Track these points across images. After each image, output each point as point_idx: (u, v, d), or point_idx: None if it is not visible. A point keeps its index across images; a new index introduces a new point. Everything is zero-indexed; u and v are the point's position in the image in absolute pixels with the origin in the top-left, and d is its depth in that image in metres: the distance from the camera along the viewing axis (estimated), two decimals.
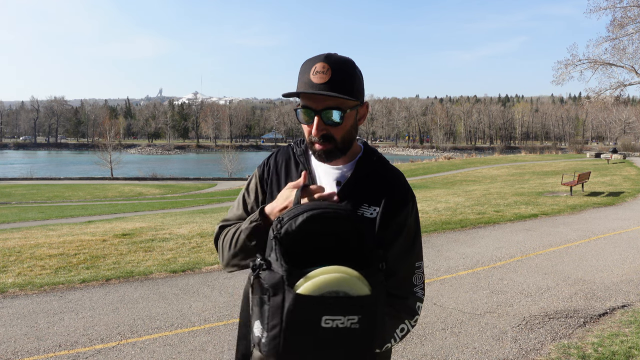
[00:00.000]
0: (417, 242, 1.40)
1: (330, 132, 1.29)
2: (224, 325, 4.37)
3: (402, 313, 1.32)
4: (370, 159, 1.39)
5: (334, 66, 1.26)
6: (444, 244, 7.97)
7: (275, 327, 1.06)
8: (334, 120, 1.28)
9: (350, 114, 1.30)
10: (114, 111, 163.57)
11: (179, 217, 12.77)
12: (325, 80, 1.24)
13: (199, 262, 6.60)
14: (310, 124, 1.29)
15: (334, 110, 1.27)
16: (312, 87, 1.25)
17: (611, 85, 26.43)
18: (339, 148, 1.31)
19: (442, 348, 3.90)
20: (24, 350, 3.82)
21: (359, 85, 1.32)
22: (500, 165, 40.64)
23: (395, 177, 1.39)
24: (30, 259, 6.79)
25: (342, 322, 1.06)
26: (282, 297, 1.06)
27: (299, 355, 1.07)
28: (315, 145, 1.31)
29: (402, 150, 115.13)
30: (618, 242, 8.16)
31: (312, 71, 1.26)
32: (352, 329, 1.07)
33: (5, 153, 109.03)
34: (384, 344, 1.28)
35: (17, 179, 43.49)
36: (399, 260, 1.33)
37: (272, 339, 1.07)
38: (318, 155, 1.32)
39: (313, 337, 1.06)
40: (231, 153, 52.67)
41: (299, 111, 1.31)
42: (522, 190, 17.40)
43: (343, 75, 1.27)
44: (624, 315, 4.66)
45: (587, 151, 62.58)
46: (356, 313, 1.07)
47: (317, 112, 1.27)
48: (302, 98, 1.30)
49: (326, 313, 1.05)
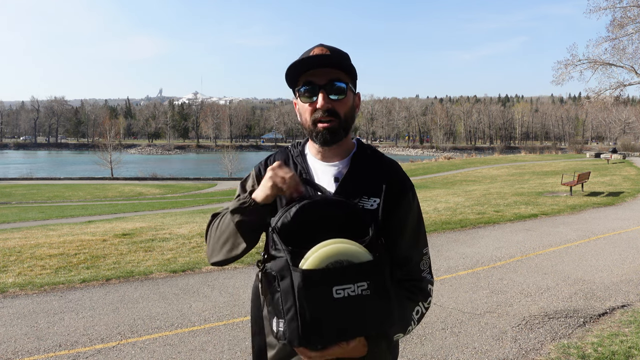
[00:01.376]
0: (422, 228, 1.43)
1: (335, 108, 1.31)
2: (224, 325, 4.37)
3: (417, 295, 1.36)
4: (364, 153, 1.42)
5: (331, 48, 1.35)
6: (444, 244, 7.97)
7: (290, 309, 1.09)
8: (338, 92, 1.31)
9: (349, 92, 1.35)
10: (114, 111, 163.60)
11: (179, 217, 12.77)
12: (324, 52, 1.31)
13: (199, 262, 6.61)
14: (313, 102, 1.31)
15: (338, 82, 1.30)
16: (313, 60, 1.29)
17: (611, 85, 26.43)
18: (342, 126, 1.33)
19: (442, 348, 3.91)
20: (24, 350, 3.82)
21: (354, 70, 1.36)
22: (500, 165, 40.63)
23: (392, 167, 1.41)
24: (30, 259, 6.80)
25: (352, 290, 1.09)
26: (290, 279, 1.10)
27: (321, 332, 1.09)
28: (319, 125, 1.32)
29: (402, 150, 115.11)
30: (618, 242, 8.16)
31: (309, 53, 1.33)
32: (364, 296, 1.10)
33: (6, 153, 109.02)
34: (406, 326, 1.31)
35: (17, 179, 43.48)
36: (408, 248, 1.37)
37: (290, 321, 1.09)
38: (322, 136, 1.32)
39: (329, 310, 1.08)
40: (231, 153, 52.64)
41: (302, 90, 1.32)
42: (522, 190, 17.40)
43: (340, 55, 1.34)
44: (623, 315, 4.67)
45: (586, 151, 62.58)
46: (364, 279, 1.10)
47: (321, 86, 1.30)
48: (304, 77, 1.33)
49: (335, 283, 1.08)
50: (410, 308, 1.33)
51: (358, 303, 1.09)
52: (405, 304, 1.32)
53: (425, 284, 1.39)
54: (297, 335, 1.08)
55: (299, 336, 1.08)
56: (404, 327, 1.30)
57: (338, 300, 1.08)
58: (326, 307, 1.08)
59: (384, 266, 1.15)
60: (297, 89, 1.34)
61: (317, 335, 1.09)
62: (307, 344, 1.09)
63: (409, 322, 1.32)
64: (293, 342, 1.09)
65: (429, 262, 1.44)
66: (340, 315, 1.09)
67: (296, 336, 1.08)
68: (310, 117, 1.33)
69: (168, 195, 28.86)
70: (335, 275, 1.09)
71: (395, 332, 1.28)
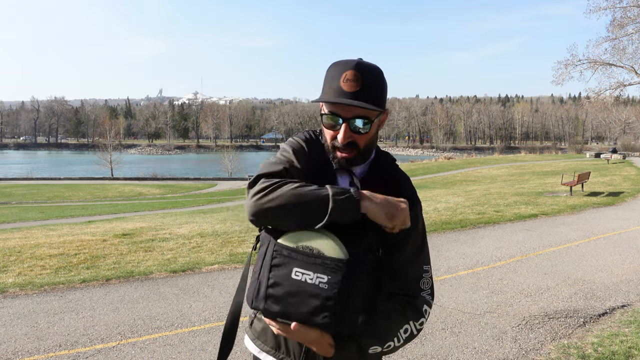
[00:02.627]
0: (425, 246, 1.41)
1: (355, 140, 1.29)
2: (224, 325, 4.37)
3: (407, 310, 1.31)
4: (383, 161, 1.41)
5: (365, 75, 1.25)
6: (444, 244, 7.97)
7: (255, 272, 1.21)
8: (360, 129, 1.28)
9: (375, 123, 1.32)
10: (114, 111, 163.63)
11: (179, 217, 12.77)
12: (356, 89, 1.24)
13: (199, 262, 6.61)
14: (335, 130, 1.29)
15: (362, 119, 1.27)
16: (343, 95, 1.24)
17: (611, 86, 26.44)
18: (362, 154, 1.32)
19: (442, 348, 3.90)
20: (24, 350, 3.82)
21: (385, 94, 1.33)
22: (500, 165, 40.64)
23: (404, 181, 1.41)
24: (30, 259, 6.80)
25: (311, 278, 1.13)
26: (266, 246, 1.21)
27: (270, 302, 1.17)
28: (337, 152, 1.31)
29: (402, 150, 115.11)
30: (618, 242, 8.16)
31: (342, 78, 1.25)
32: (319, 287, 1.13)
33: (6, 153, 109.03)
34: (385, 341, 1.26)
35: (17, 179, 43.49)
36: (408, 263, 1.35)
37: (252, 282, 1.22)
38: (339, 162, 1.31)
39: (283, 285, 1.16)
40: (231, 153, 52.68)
41: (327, 116, 1.29)
42: (522, 190, 17.41)
43: (373, 85, 1.27)
44: (623, 315, 4.67)
45: (586, 151, 62.58)
46: (326, 273, 1.13)
47: (345, 119, 1.27)
48: (330, 104, 1.29)
49: (296, 265, 1.15)
50: (397, 323, 1.28)
51: (310, 292, 1.13)
52: (391, 317, 1.27)
53: (421, 304, 1.34)
54: (251, 296, 1.20)
55: (252, 297, 1.20)
56: (383, 342, 1.25)
57: (294, 280, 1.14)
58: (281, 282, 1.15)
59: (354, 270, 1.13)
60: (323, 113, 1.31)
61: (265, 303, 1.17)
62: (257, 308, 1.19)
63: (390, 338, 1.26)
64: (248, 300, 1.22)
65: (431, 282, 1.39)
66: (290, 295, 1.15)
67: (250, 297, 1.20)
68: (330, 141, 1.32)
69: (168, 195, 28.86)
70: (299, 258, 1.15)
71: (369, 344, 1.24)
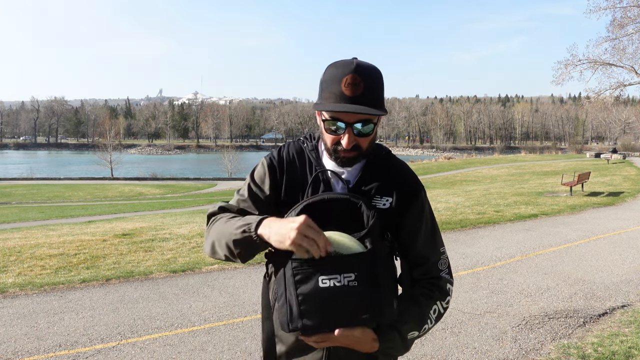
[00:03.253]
0: (436, 228, 1.45)
1: (359, 143, 1.30)
2: (224, 325, 4.37)
3: (434, 292, 1.37)
4: (379, 154, 1.43)
5: (366, 79, 1.25)
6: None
7: (281, 295, 1.16)
8: (364, 133, 1.29)
9: (377, 124, 1.34)
10: (114, 111, 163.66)
11: (179, 217, 12.77)
12: (358, 93, 1.24)
13: (199, 262, 6.61)
14: (337, 135, 1.29)
15: (365, 123, 1.28)
16: (344, 100, 1.24)
17: (611, 86, 26.43)
18: (363, 154, 1.34)
19: (442, 348, 3.90)
20: (24, 350, 3.82)
21: (384, 94, 1.34)
22: (500, 165, 40.64)
23: (404, 169, 1.44)
24: (30, 259, 6.80)
25: (339, 281, 1.12)
26: (282, 267, 1.17)
27: (306, 319, 1.13)
28: (340, 152, 1.31)
29: (402, 150, 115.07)
30: (618, 242, 8.16)
31: (343, 82, 1.24)
32: (350, 287, 1.12)
33: (6, 153, 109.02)
34: (422, 325, 1.31)
35: (17, 179, 43.47)
36: (425, 248, 1.39)
37: (280, 307, 1.16)
38: (340, 161, 1.32)
39: (314, 298, 1.13)
40: (231, 153, 52.66)
41: (330, 121, 1.28)
42: (522, 190, 17.41)
43: (374, 88, 1.27)
44: (623, 315, 4.67)
45: (587, 151, 62.56)
46: (351, 270, 1.13)
47: (348, 124, 1.27)
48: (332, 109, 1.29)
49: (321, 273, 1.13)
50: (427, 306, 1.34)
51: (343, 293, 1.12)
52: (421, 301, 1.33)
53: (444, 283, 1.40)
54: (286, 320, 1.14)
55: (287, 321, 1.14)
56: (419, 326, 1.31)
57: (324, 289, 1.12)
58: (311, 295, 1.12)
59: (377, 261, 1.16)
60: (324, 118, 1.29)
61: (302, 322, 1.13)
62: (295, 329, 1.14)
63: (424, 321, 1.32)
64: (283, 326, 1.15)
65: (448, 262, 1.45)
66: (325, 304, 1.12)
67: (285, 321, 1.15)
68: (331, 144, 1.31)
69: (168, 195, 28.86)
70: (321, 265, 1.13)
71: (408, 330, 1.28)
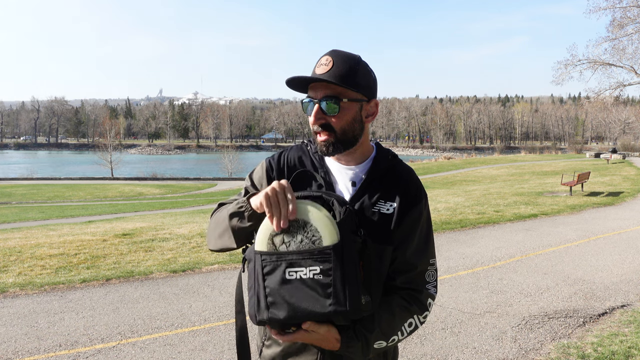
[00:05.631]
0: (431, 239, 1.43)
1: (329, 122, 1.31)
2: (224, 325, 4.38)
3: (413, 305, 1.34)
4: (384, 158, 1.43)
5: (337, 59, 1.30)
6: (444, 244, 7.97)
7: (250, 288, 1.18)
8: (330, 109, 1.30)
9: (349, 105, 1.31)
10: (114, 111, 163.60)
11: (179, 217, 12.77)
12: (325, 70, 1.29)
13: (199, 262, 6.61)
14: (311, 114, 1.33)
15: (331, 99, 1.29)
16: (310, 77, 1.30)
17: (611, 86, 26.49)
18: (339, 140, 1.32)
19: (442, 348, 3.91)
20: (25, 350, 3.83)
21: (362, 80, 1.33)
22: (500, 165, 40.62)
23: (409, 174, 1.43)
24: (30, 259, 6.80)
25: (305, 274, 1.14)
26: (254, 261, 1.18)
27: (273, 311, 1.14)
28: (317, 136, 1.33)
29: (402, 150, 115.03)
30: (617, 242, 8.16)
31: (317, 64, 1.32)
32: (316, 280, 1.14)
33: (6, 153, 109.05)
34: (390, 335, 1.29)
35: (17, 179, 43.48)
36: (415, 256, 1.36)
37: (250, 298, 1.18)
38: (320, 148, 1.34)
39: (280, 290, 1.14)
40: (231, 153, 52.69)
41: (304, 102, 1.35)
42: (522, 190, 17.41)
43: (344, 67, 1.30)
44: (623, 315, 4.67)
45: (586, 151, 62.51)
46: (318, 264, 1.14)
47: (316, 101, 1.30)
48: (308, 90, 1.34)
49: (288, 265, 1.15)
50: (401, 318, 1.30)
51: (309, 286, 1.13)
52: (396, 312, 1.30)
53: (425, 297, 1.36)
54: (253, 312, 1.16)
55: (254, 313, 1.16)
56: (387, 337, 1.28)
57: (290, 281, 1.14)
58: (278, 288, 1.14)
59: (344, 254, 1.15)
60: (302, 100, 1.36)
61: (269, 313, 1.14)
62: (262, 321, 1.15)
63: (394, 332, 1.29)
64: (252, 318, 1.17)
65: (436, 275, 1.42)
66: (291, 297, 1.13)
67: (253, 313, 1.16)
68: (312, 128, 1.35)
69: (168, 195, 28.86)
70: (287, 257, 1.15)
71: (375, 339, 1.25)
